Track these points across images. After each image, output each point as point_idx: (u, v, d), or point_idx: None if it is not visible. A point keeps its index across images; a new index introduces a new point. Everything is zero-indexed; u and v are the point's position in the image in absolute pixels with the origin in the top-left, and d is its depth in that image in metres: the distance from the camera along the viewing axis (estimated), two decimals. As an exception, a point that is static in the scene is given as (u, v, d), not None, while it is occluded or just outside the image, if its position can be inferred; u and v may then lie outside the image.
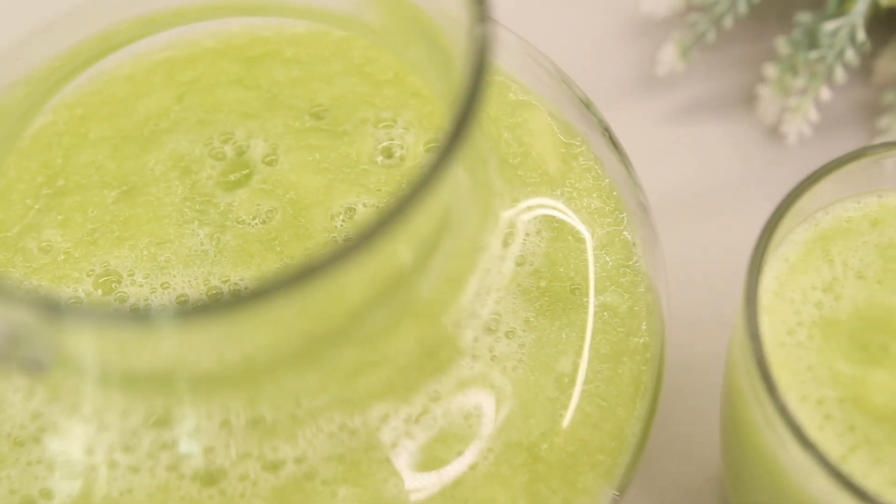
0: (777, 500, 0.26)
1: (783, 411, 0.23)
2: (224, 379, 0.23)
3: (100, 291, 0.27)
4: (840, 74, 0.36)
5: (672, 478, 0.33)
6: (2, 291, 0.19)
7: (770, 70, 0.38)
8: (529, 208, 0.28)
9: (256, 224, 0.28)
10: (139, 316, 0.19)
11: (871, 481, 0.24)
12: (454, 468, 0.26)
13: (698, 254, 0.37)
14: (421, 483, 0.25)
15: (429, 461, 0.25)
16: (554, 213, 0.28)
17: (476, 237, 0.26)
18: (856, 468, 0.24)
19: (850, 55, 0.35)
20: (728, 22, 0.38)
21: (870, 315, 0.25)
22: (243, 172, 0.29)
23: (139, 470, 0.25)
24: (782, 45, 0.37)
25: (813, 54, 0.35)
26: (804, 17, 0.37)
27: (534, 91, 0.31)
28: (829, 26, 0.35)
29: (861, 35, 0.35)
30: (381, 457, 0.25)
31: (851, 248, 0.26)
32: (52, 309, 0.19)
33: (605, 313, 0.27)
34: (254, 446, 0.25)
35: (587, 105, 0.31)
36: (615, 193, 0.29)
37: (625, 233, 0.29)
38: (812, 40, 0.36)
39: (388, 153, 0.29)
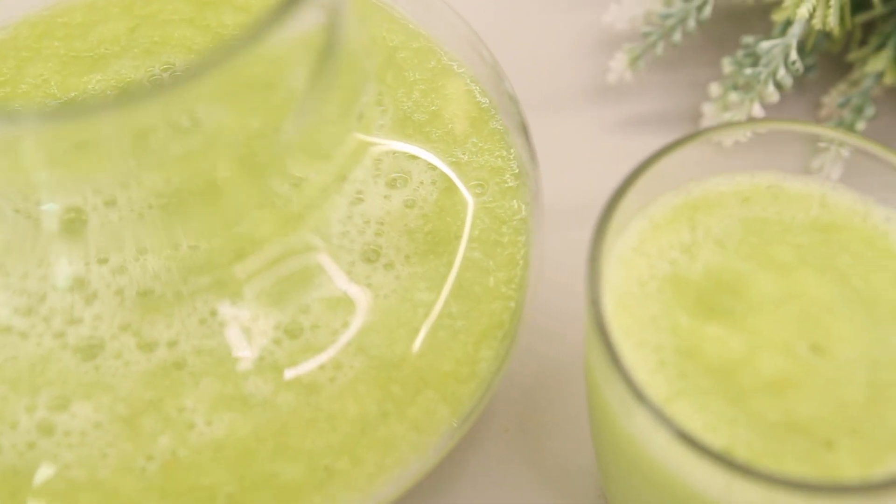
0: (609, 443, 0.27)
1: (611, 351, 0.25)
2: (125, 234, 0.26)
3: None
4: (772, 92, 0.37)
5: (556, 458, 0.34)
6: None
7: (714, 88, 0.39)
8: (428, 160, 0.30)
9: None
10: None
11: (693, 424, 0.25)
12: (314, 378, 0.27)
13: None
14: (280, 387, 0.27)
15: (291, 368, 0.27)
16: (450, 167, 0.30)
17: (338, 163, 0.28)
18: (679, 411, 0.25)
19: (783, 74, 0.37)
20: (677, 36, 0.39)
21: (720, 278, 0.27)
22: None
23: (28, 335, 0.27)
24: (726, 64, 0.39)
25: (748, 71, 0.37)
26: (748, 39, 0.39)
27: (461, 62, 0.33)
28: (765, 45, 0.37)
29: (793, 55, 0.36)
30: (246, 357, 0.27)
31: (717, 217, 0.28)
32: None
33: (480, 261, 0.29)
34: (136, 318, 0.26)
35: (513, 101, 0.33)
36: (514, 159, 0.31)
37: (515, 196, 0.31)
38: (754, 61, 0.38)
39: None
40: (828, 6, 0.35)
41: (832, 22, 0.35)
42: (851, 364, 0.25)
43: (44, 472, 0.26)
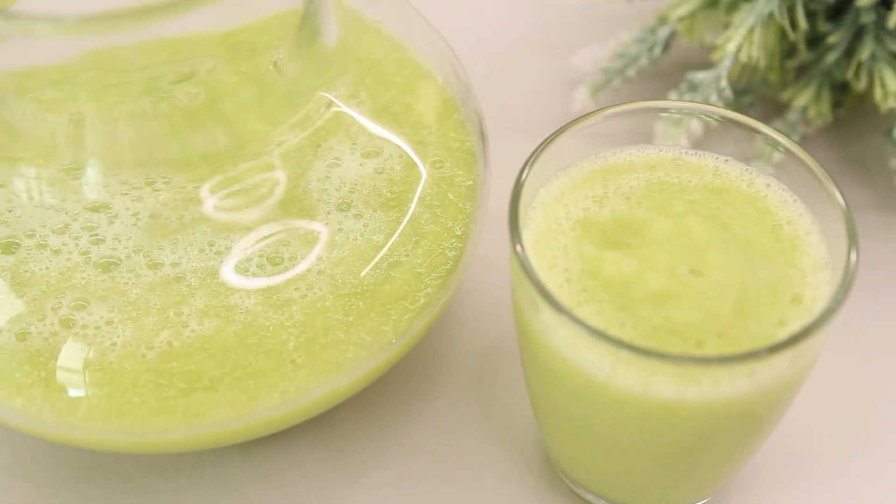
0: (526, 346, 0.32)
1: (526, 267, 0.30)
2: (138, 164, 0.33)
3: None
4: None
5: (503, 411, 0.40)
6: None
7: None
8: (399, 140, 0.37)
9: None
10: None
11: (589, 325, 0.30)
12: (290, 294, 0.33)
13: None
14: (259, 301, 0.33)
15: (270, 284, 0.33)
16: (417, 145, 0.37)
17: (312, 132, 0.35)
18: (579, 314, 0.30)
19: (714, 99, 0.43)
20: (631, 72, 0.46)
21: (622, 221, 0.32)
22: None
23: (60, 252, 0.33)
24: (672, 96, 0.45)
25: (687, 97, 0.43)
26: (691, 75, 0.45)
27: (436, 72, 0.39)
28: (700, 76, 0.43)
29: (723, 83, 0.43)
30: (234, 274, 0.33)
31: (626, 179, 0.34)
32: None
33: (433, 213, 0.35)
34: (146, 240, 0.33)
35: (477, 115, 0.40)
36: (470, 143, 0.38)
37: (467, 171, 0.37)
38: (693, 91, 0.44)
39: None
40: (751, 42, 0.42)
41: (755, 54, 0.42)
42: (722, 285, 0.31)
43: (62, 355, 0.32)
